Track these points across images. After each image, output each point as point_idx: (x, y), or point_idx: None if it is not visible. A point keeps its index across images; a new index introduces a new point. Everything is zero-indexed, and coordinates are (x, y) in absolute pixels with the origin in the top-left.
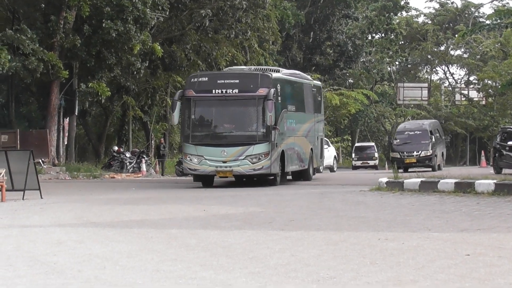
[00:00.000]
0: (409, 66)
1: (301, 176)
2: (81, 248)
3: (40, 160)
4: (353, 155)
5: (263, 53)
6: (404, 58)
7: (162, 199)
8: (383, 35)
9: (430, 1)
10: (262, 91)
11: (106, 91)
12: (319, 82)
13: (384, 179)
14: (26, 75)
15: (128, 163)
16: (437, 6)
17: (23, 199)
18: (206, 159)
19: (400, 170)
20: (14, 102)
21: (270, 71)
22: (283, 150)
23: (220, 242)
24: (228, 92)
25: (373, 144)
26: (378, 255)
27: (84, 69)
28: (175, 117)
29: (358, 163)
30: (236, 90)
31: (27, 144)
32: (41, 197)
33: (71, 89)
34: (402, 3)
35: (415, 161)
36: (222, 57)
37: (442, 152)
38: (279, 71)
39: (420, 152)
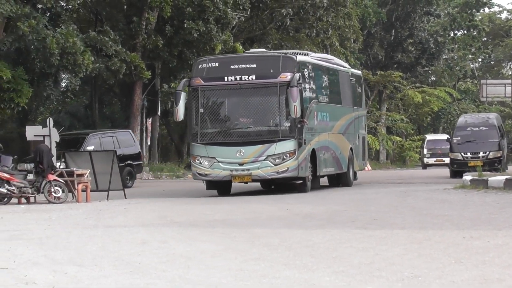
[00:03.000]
0: (492, 62)
1: (339, 181)
2: (165, 248)
3: None
4: (425, 150)
5: (344, 52)
6: (487, 55)
7: (244, 198)
8: (465, 31)
9: None
10: (284, 77)
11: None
12: (359, 71)
13: (468, 177)
14: (109, 76)
15: None
16: None
17: (107, 199)
18: (218, 162)
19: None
20: (98, 103)
21: (296, 54)
22: (314, 149)
23: (303, 241)
24: (243, 79)
25: (448, 137)
26: (463, 254)
27: (166, 69)
28: (180, 111)
29: (431, 160)
30: (253, 77)
31: None
32: (125, 197)
33: (153, 90)
34: None
35: (482, 164)
36: None
37: (506, 154)
38: (307, 55)
39: (487, 153)
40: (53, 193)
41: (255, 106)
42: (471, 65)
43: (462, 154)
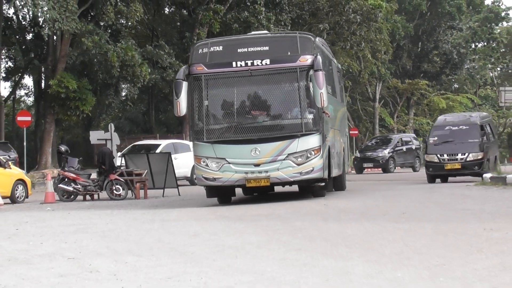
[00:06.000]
0: (510, 71)
1: (334, 184)
2: (215, 240)
3: None
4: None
5: (375, 62)
6: (505, 64)
7: (287, 196)
8: (485, 43)
9: None
10: (305, 60)
11: None
12: (339, 65)
13: (488, 175)
14: (164, 85)
15: None
16: None
17: (163, 196)
18: (229, 163)
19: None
20: (154, 110)
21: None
22: (329, 147)
23: (339, 233)
24: (255, 64)
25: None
26: (484, 244)
27: None
28: (182, 104)
29: None
30: (267, 61)
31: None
32: (179, 195)
33: None
34: (503, 14)
35: (459, 167)
36: None
37: (496, 156)
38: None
39: (466, 154)
40: (114, 191)
41: (271, 95)
42: (491, 74)
43: (438, 156)
